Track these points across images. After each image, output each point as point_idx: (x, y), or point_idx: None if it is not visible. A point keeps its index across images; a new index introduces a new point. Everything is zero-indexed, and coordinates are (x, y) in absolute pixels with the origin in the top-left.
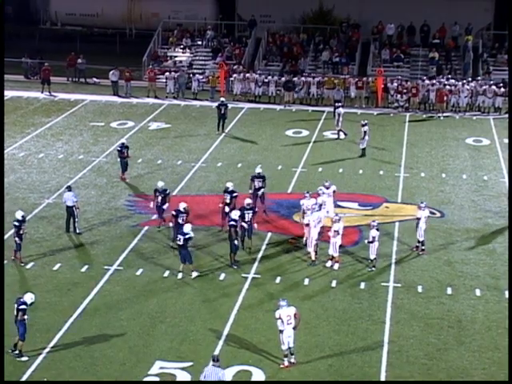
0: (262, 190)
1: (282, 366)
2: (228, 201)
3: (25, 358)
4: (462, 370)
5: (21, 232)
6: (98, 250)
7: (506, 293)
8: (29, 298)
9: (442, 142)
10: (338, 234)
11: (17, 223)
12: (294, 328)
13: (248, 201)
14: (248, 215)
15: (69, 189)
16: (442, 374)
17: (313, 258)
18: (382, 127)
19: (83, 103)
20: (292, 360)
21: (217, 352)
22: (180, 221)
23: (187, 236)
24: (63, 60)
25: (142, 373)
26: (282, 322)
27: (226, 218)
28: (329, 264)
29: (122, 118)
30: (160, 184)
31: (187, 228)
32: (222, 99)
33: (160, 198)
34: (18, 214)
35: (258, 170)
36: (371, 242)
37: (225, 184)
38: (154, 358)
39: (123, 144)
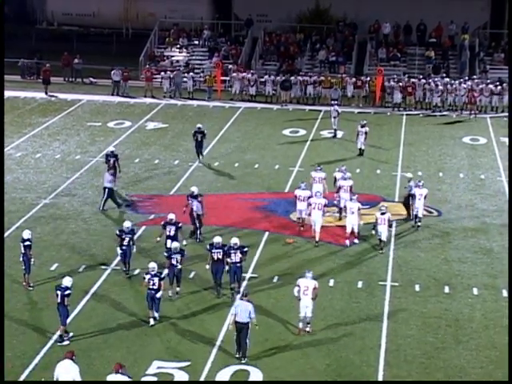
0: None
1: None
2: (172, 233)
3: (66, 342)
4: (459, 369)
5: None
6: (96, 250)
7: (504, 291)
8: (68, 281)
9: (438, 141)
10: (353, 212)
11: (21, 243)
12: (313, 299)
13: (234, 240)
14: (235, 256)
15: (196, 196)
16: (439, 373)
17: (317, 239)
18: (378, 126)
19: (80, 103)
20: (307, 329)
21: (213, 354)
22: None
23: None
24: (60, 60)
25: (139, 372)
26: (299, 290)
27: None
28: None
29: (118, 117)
30: (127, 224)
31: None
32: (199, 126)
33: (126, 239)
34: (25, 234)
35: (194, 189)
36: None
37: (222, 183)
38: (151, 357)
39: (112, 152)
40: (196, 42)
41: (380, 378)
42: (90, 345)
